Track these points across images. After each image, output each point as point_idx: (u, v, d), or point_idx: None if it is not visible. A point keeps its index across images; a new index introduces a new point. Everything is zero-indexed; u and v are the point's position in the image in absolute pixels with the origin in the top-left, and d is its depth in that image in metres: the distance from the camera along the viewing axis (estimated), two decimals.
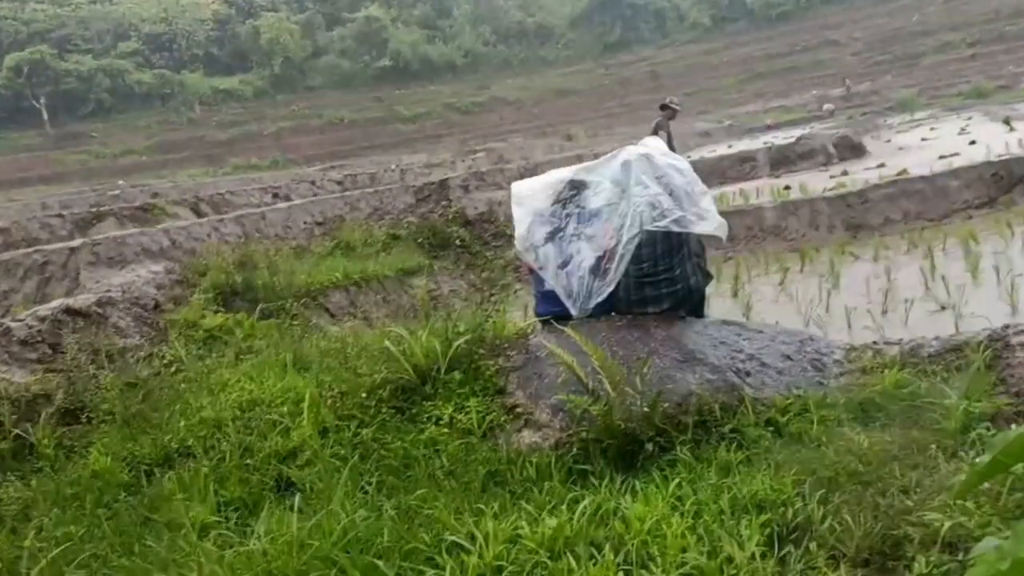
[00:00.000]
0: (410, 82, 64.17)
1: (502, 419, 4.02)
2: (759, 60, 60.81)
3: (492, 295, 4.96)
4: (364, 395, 4.15)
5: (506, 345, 4.69)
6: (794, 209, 9.68)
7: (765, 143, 20.91)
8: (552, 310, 4.90)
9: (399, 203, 11.71)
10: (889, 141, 20.81)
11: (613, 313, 4.80)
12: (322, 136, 56.48)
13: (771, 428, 4.04)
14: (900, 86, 47.20)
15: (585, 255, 4.67)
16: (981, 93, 39.05)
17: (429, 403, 4.11)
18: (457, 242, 11.15)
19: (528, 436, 3.94)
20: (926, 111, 36.07)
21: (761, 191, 12.34)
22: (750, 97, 54.44)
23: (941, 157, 12.93)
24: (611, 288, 4.60)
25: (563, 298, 4.74)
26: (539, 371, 4.31)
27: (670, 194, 4.64)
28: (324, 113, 59.96)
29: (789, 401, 4.20)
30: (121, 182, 32.81)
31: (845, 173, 13.49)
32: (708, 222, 4.79)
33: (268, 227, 10.61)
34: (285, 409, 3.98)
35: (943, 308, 5.99)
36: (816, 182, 12.14)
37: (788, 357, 4.92)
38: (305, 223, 11.08)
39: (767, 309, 6.85)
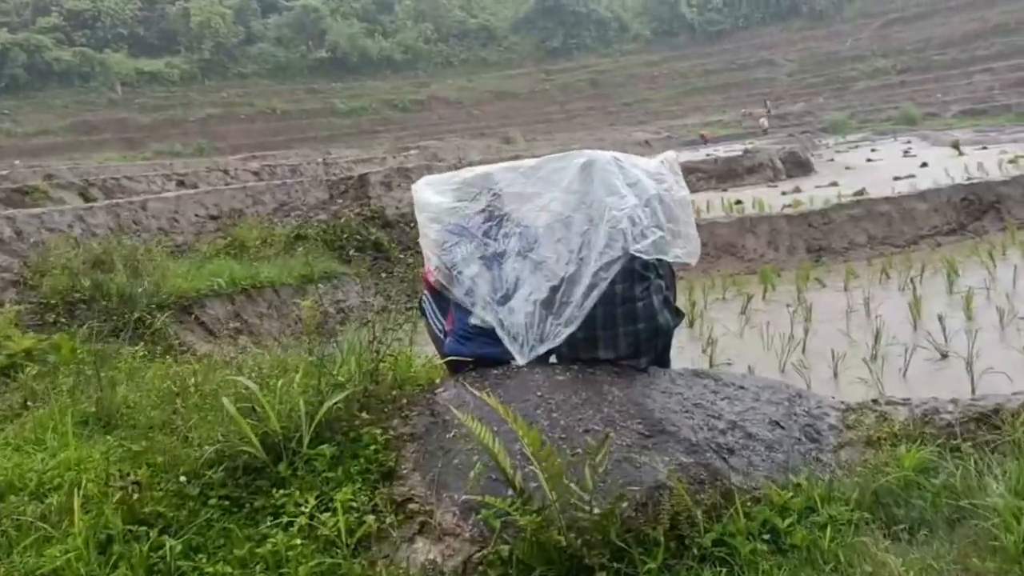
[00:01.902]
0: (347, 76, 62.50)
1: (387, 521, 2.72)
2: (697, 75, 61.19)
3: (392, 327, 3.58)
4: (184, 479, 2.79)
5: (405, 400, 3.39)
6: (752, 226, 8.66)
7: (708, 155, 20.15)
8: (478, 352, 3.62)
9: (310, 198, 10.27)
10: (832, 160, 20.34)
11: (552, 359, 3.55)
12: (252, 126, 54.40)
13: (768, 537, 2.88)
14: (832, 108, 47.86)
15: (534, 285, 3.40)
16: (910, 119, 39.73)
17: (281, 492, 2.78)
18: (373, 246, 9.78)
19: (424, 550, 2.66)
20: (858, 134, 36.38)
21: (711, 204, 11.37)
22: (688, 110, 54.56)
23: (896, 178, 12.22)
24: (572, 329, 3.35)
25: (506, 342, 3.45)
26: (447, 445, 3.03)
27: (646, 206, 3.43)
28: (255, 102, 57.84)
29: (789, 496, 3.04)
30: (17, 162, 30.16)
31: (798, 190, 12.68)
32: (688, 244, 3.60)
33: (150, 219, 9.06)
34: (53, 501, 2.60)
35: (944, 356, 4.97)
36: (769, 197, 11.22)
37: (777, 424, 3.75)
38: (196, 216, 9.57)
39: (732, 346, 5.73)
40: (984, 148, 18.63)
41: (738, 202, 11.49)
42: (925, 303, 6.01)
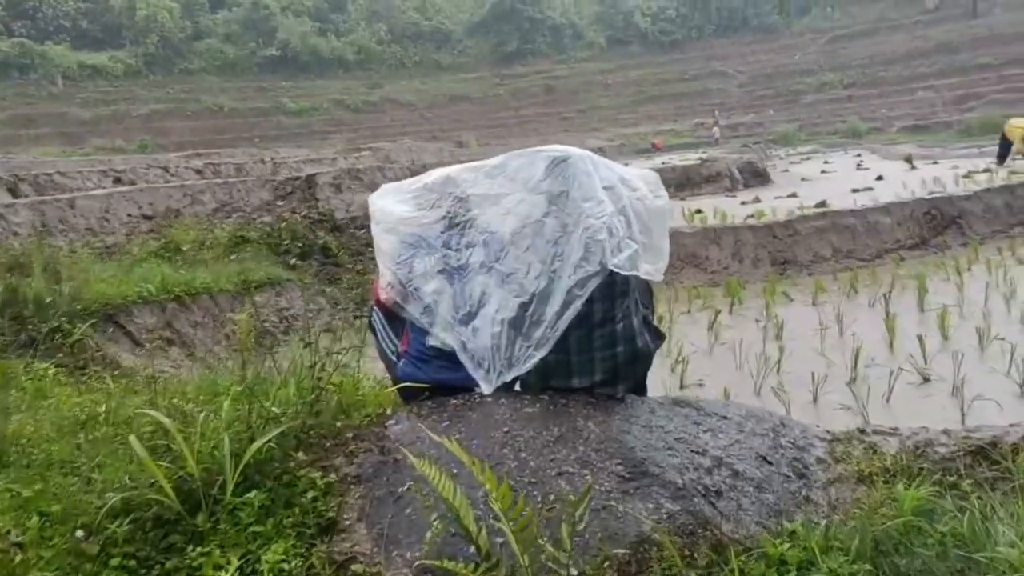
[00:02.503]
0: (298, 74, 61.39)
1: None
2: (650, 84, 61.65)
3: (338, 349, 3.12)
4: (82, 534, 2.32)
5: (350, 434, 2.96)
6: (716, 237, 8.40)
7: (664, 163, 20.00)
8: (435, 377, 3.19)
9: (253, 199, 9.70)
10: (786, 171, 20.37)
11: (517, 385, 3.15)
12: (198, 122, 52.99)
13: None
14: (781, 120, 48.60)
15: (501, 301, 2.98)
16: (856, 132, 40.52)
17: (198, 551, 2.33)
18: (321, 250, 9.25)
19: None
20: (807, 146, 36.91)
21: (672, 213, 11.11)
22: (641, 118, 54.88)
23: (855, 191, 12.15)
24: (544, 352, 2.94)
25: (470, 367, 3.02)
26: (398, 490, 2.60)
27: (621, 214, 3.05)
28: (202, 99, 56.33)
29: (785, 546, 2.69)
30: None
31: (757, 200, 12.51)
32: (658, 259, 3.24)
33: (78, 217, 8.40)
34: None
35: (926, 379, 4.71)
36: (729, 207, 11.01)
37: (764, 459, 3.41)
38: (129, 216, 8.92)
39: (702, 365, 5.41)
40: (935, 163, 18.85)
41: (698, 211, 11.26)
42: (898, 321, 5.78)
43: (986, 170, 14.10)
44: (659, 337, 3.38)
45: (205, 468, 2.55)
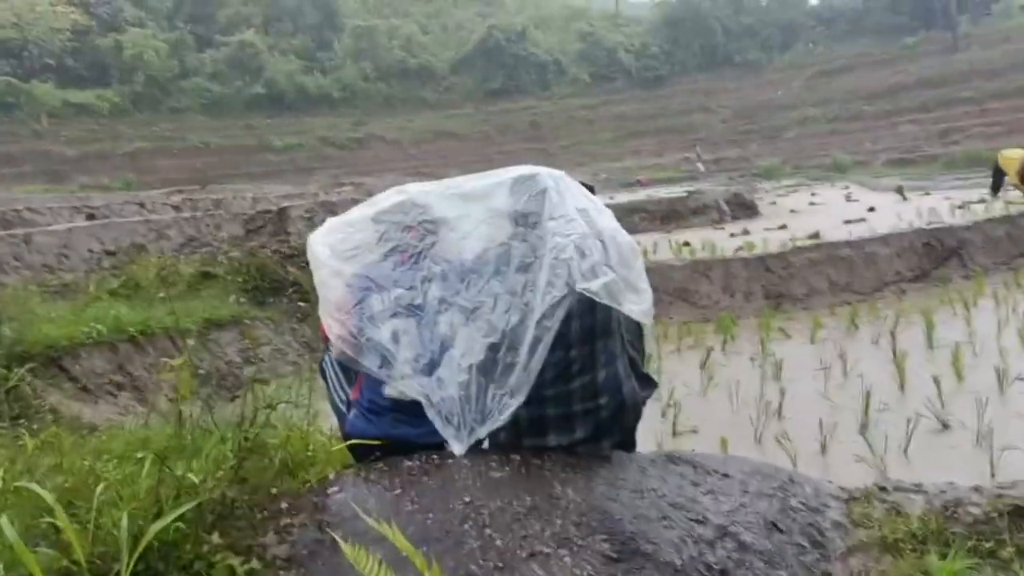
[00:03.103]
0: (284, 112, 61.51)
1: None
2: (634, 119, 62.02)
3: (276, 400, 2.65)
4: None
5: (286, 504, 2.49)
6: (705, 270, 8.00)
7: (648, 196, 19.74)
8: (390, 432, 2.71)
9: (223, 233, 9.25)
10: (774, 203, 20.12)
11: (485, 444, 2.69)
12: (184, 160, 52.81)
13: None
14: (766, 154, 48.81)
15: (467, 343, 2.51)
16: (840, 166, 40.65)
17: None
18: (291, 286, 8.78)
19: None
20: (792, 179, 36.94)
21: (658, 246, 10.76)
22: (626, 153, 55.04)
23: (847, 222, 11.85)
24: (520, 400, 2.47)
25: (438, 424, 2.54)
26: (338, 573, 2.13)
27: (597, 238, 2.61)
28: (188, 137, 56.21)
29: None
30: None
31: (746, 232, 12.19)
32: (642, 301, 2.77)
33: (33, 254, 7.92)
34: None
35: (946, 426, 4.28)
36: (717, 239, 10.65)
37: (774, 526, 2.95)
38: (90, 251, 8.44)
39: (695, 408, 4.96)
40: (927, 194, 18.66)
41: (686, 244, 10.90)
42: (907, 360, 5.36)
43: (981, 200, 13.87)
44: (649, 384, 2.92)
45: (101, 553, 2.07)
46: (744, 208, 15.69)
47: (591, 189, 3.02)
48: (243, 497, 2.46)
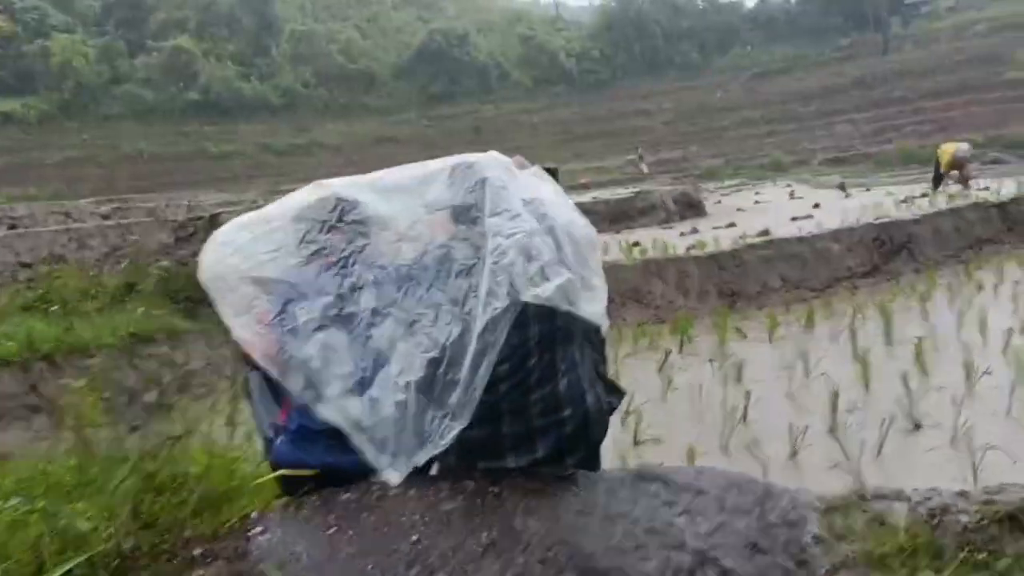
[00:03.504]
0: (221, 119, 60.08)
1: None
2: (577, 123, 62.29)
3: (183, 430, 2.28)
4: None
5: (199, 551, 2.13)
6: (658, 270, 7.79)
7: (594, 198, 19.58)
8: (325, 461, 2.34)
9: (150, 242, 8.70)
10: (719, 202, 20.19)
11: (434, 469, 2.36)
12: (118, 169, 51.18)
13: None
14: (707, 156, 49.44)
15: (404, 359, 2.16)
16: (780, 166, 41.35)
17: None
18: None
19: None
20: (734, 179, 37.40)
21: (608, 246, 10.53)
22: (569, 157, 55.09)
23: (795, 218, 11.81)
24: (463, 423, 2.13)
25: (368, 452, 2.18)
26: None
27: (548, 234, 2.28)
28: (121, 145, 54.49)
29: None
30: None
31: (695, 231, 12.08)
32: (597, 301, 2.47)
33: None
34: None
35: (918, 426, 4.09)
36: (667, 239, 10.49)
37: (755, 546, 2.67)
38: (4, 264, 7.85)
39: (656, 415, 4.69)
40: (868, 190, 18.92)
41: (636, 244, 10.70)
42: (875, 360, 5.19)
43: (923, 195, 14.08)
44: (616, 393, 2.62)
45: None
46: (691, 207, 15.64)
47: (554, 173, 2.66)
48: (147, 544, 2.08)
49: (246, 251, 2.29)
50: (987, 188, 14.65)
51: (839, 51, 61.14)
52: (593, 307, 2.44)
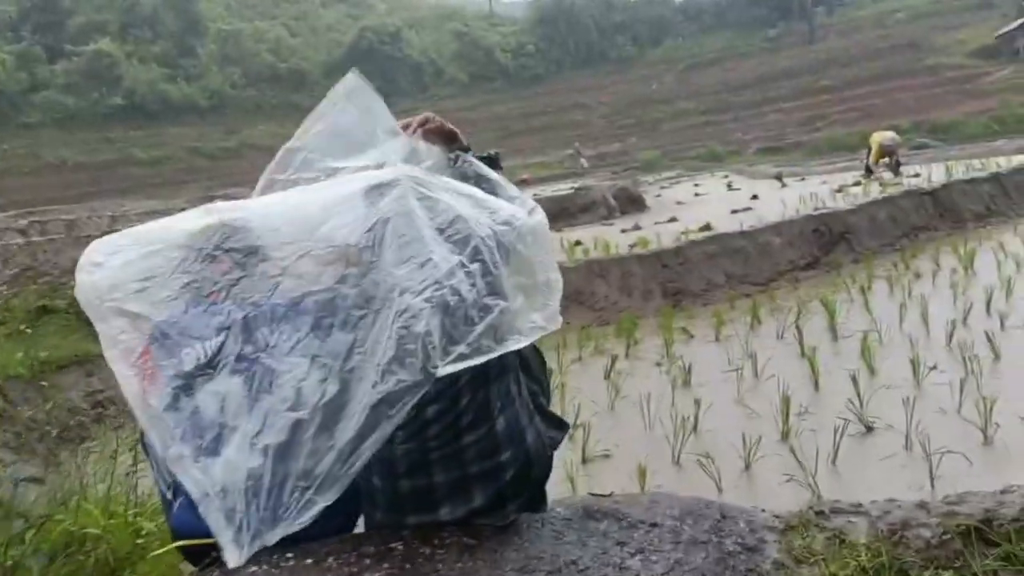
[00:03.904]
0: (147, 123, 58.39)
1: None
2: (515, 118, 62.25)
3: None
4: None
5: None
6: (601, 270, 7.62)
7: (535, 195, 19.41)
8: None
9: (64, 260, 8.17)
10: (659, 196, 20.21)
11: (360, 527, 2.08)
12: (40, 179, 49.22)
13: None
14: (645, 148, 49.87)
15: (264, 417, 1.81)
16: (716, 156, 41.96)
17: None
18: None
19: None
20: (672, 171, 37.76)
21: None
22: (509, 153, 54.88)
23: (735, 211, 11.80)
24: (330, 498, 1.81)
25: (213, 524, 1.84)
26: None
27: (474, 260, 1.94)
28: (43, 153, 52.47)
29: None
30: None
31: (637, 227, 11.96)
32: (548, 300, 2.16)
33: None
34: None
35: (870, 428, 3.97)
36: (609, 236, 10.35)
37: None
38: None
39: (606, 429, 4.50)
40: (803, 179, 19.18)
41: (578, 243, 10.54)
42: (821, 357, 5.09)
43: (856, 183, 14.28)
44: (559, 427, 2.38)
45: None
46: (632, 202, 15.57)
47: (494, 160, 2.32)
48: None
49: (117, 277, 1.93)
50: (918, 175, 14.95)
51: (768, 41, 62.40)
52: (541, 313, 2.14)
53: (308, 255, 1.82)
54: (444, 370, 1.80)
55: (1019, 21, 45.33)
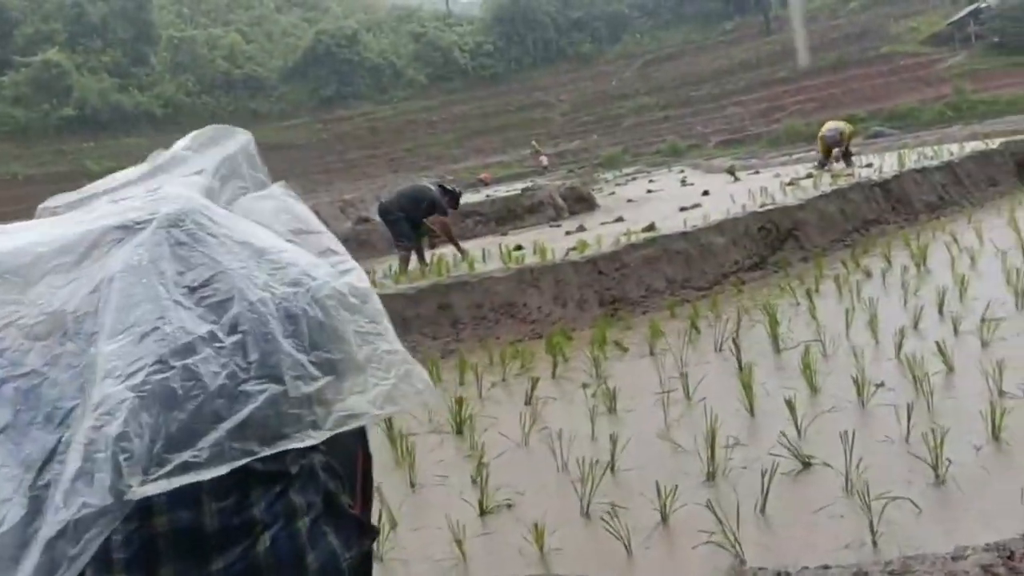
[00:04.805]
0: (100, 134, 57.03)
1: None
2: (475, 118, 61.71)
3: None
4: None
5: None
6: (533, 279, 7.08)
7: (487, 196, 18.91)
8: None
9: None
10: (613, 193, 19.82)
11: None
12: None
13: None
14: (606, 144, 49.58)
15: None
16: (676, 150, 41.84)
17: None
18: None
19: None
20: (632, 167, 37.47)
21: (489, 253, 9.81)
22: (469, 153, 54.48)
23: (683, 208, 11.36)
24: None
25: None
26: None
27: (237, 329, 1.33)
28: None
29: None
30: None
31: (582, 228, 11.48)
32: (379, 387, 1.55)
33: None
34: None
35: (806, 464, 3.46)
36: (552, 239, 9.82)
37: None
38: None
39: (515, 470, 3.94)
40: (757, 172, 18.88)
41: (518, 247, 10.01)
42: (754, 372, 4.59)
43: (808, 175, 13.95)
44: (364, 535, 1.82)
45: None
46: (581, 201, 15.09)
47: (453, 195, 1.76)
48: None
49: None
50: (870, 165, 14.66)
51: (725, 35, 62.43)
52: (351, 403, 1.56)
53: (14, 324, 1.22)
54: (145, 490, 1.21)
55: (970, 7, 45.70)
